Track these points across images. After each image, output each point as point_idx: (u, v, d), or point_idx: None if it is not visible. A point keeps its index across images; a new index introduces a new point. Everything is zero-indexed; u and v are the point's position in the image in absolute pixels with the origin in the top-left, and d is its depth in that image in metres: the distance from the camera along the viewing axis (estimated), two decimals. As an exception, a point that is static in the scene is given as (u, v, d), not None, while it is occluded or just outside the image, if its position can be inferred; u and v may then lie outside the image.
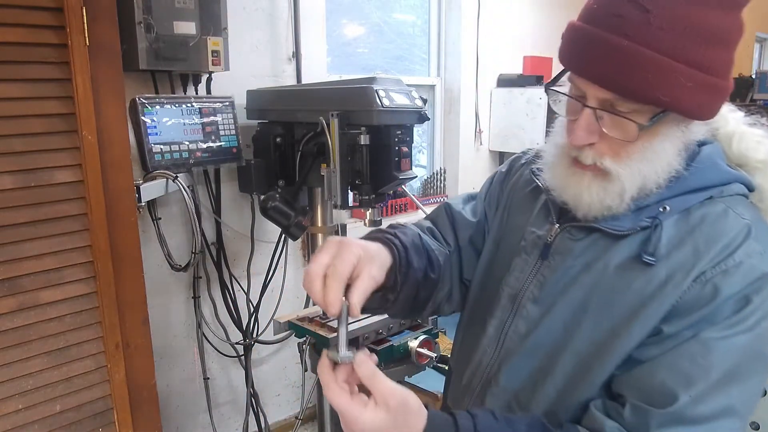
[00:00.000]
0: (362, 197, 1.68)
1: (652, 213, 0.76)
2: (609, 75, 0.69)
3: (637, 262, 0.75)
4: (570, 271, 0.81)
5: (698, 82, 0.68)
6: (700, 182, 0.76)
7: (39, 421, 1.29)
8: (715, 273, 0.71)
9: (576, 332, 0.79)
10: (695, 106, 0.70)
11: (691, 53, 0.68)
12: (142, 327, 1.43)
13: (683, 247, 0.73)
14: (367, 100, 1.58)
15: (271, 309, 2.25)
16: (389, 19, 2.86)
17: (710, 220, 0.74)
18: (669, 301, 0.72)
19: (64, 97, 1.24)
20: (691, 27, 0.68)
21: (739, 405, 0.71)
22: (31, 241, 1.24)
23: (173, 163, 1.77)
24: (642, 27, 0.67)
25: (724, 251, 0.71)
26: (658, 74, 0.67)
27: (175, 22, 1.71)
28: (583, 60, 0.73)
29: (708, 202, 0.75)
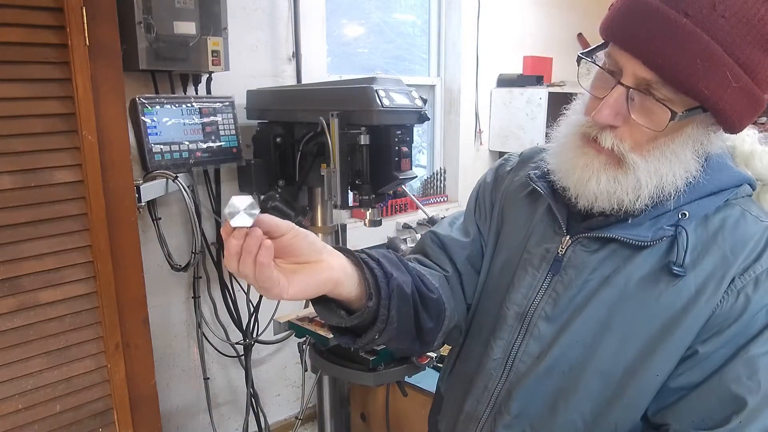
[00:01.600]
0: (362, 197, 1.68)
1: (672, 220, 0.72)
2: (657, 52, 0.63)
3: (663, 273, 0.71)
4: (587, 286, 0.76)
5: (743, 84, 0.64)
6: (716, 186, 0.73)
7: (39, 421, 1.29)
8: (746, 282, 0.68)
9: (598, 351, 0.74)
10: (733, 109, 0.66)
11: (746, 52, 0.63)
12: (142, 327, 1.43)
13: (709, 255, 0.70)
14: (367, 100, 1.58)
15: (271, 309, 2.25)
16: (389, 19, 2.86)
17: (730, 224, 0.71)
18: (704, 315, 0.68)
19: (64, 97, 1.24)
20: (755, 25, 0.62)
21: None
22: (31, 241, 1.24)
23: (173, 163, 1.77)
24: (705, 9, 0.62)
25: (750, 256, 0.69)
26: (708, 63, 0.62)
27: (175, 22, 1.71)
28: (631, 31, 0.66)
29: (723, 205, 0.73)
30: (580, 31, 3.57)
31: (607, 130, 0.70)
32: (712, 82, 0.63)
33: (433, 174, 3.10)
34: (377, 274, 0.72)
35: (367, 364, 1.60)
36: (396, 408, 2.23)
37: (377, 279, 0.72)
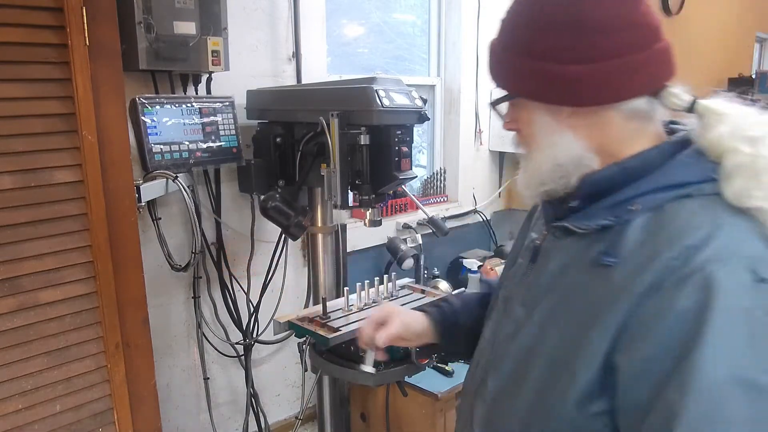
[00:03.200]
0: (362, 197, 1.68)
1: (621, 211, 0.73)
2: (488, 69, 0.84)
3: (598, 264, 0.72)
4: (550, 273, 0.81)
5: (519, 66, 0.77)
6: (677, 179, 0.72)
7: (39, 421, 1.29)
8: (669, 283, 0.65)
9: (547, 335, 0.78)
10: (527, 90, 0.78)
11: (518, 41, 0.77)
12: (142, 327, 1.43)
13: (644, 249, 0.69)
14: (367, 100, 1.58)
15: (271, 309, 2.25)
16: (389, 19, 2.86)
17: (679, 219, 0.69)
18: (622, 310, 0.67)
19: (64, 97, 1.24)
20: (525, 17, 0.77)
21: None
22: (31, 241, 1.24)
23: (173, 163, 1.77)
24: (499, 26, 0.82)
25: (681, 256, 0.65)
26: (497, 63, 0.81)
27: (175, 22, 1.71)
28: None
29: (684, 200, 0.70)
30: (580, 31, 3.57)
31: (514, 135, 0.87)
32: (502, 74, 0.82)
33: (433, 174, 3.09)
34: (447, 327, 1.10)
35: (367, 364, 1.60)
36: (396, 408, 2.23)
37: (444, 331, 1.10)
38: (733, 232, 0.67)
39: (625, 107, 0.75)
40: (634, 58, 0.73)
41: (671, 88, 0.77)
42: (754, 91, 5.27)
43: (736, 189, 0.69)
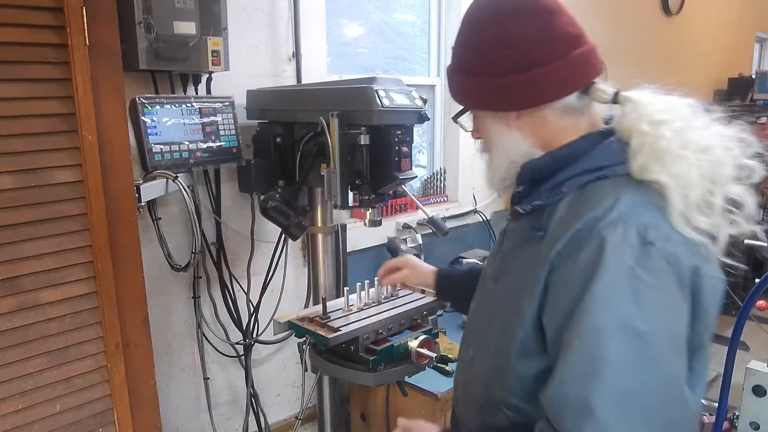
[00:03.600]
0: (362, 197, 1.68)
1: (553, 193, 0.87)
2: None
3: (532, 237, 0.88)
4: (508, 250, 0.97)
5: (469, 83, 0.94)
6: (595, 163, 0.85)
7: (39, 421, 1.29)
8: (574, 246, 0.79)
9: (501, 303, 0.94)
10: (476, 101, 0.96)
11: (464, 63, 0.95)
12: (142, 327, 1.43)
13: (562, 223, 0.83)
14: (367, 100, 1.58)
15: (271, 309, 2.25)
16: (389, 19, 2.86)
17: (591, 196, 0.82)
18: (544, 272, 0.82)
19: (64, 97, 1.24)
20: (465, 43, 0.94)
21: (598, 399, 0.74)
22: (31, 241, 1.24)
23: (173, 163, 1.77)
24: (451, 53, 0.98)
25: (586, 225, 0.79)
26: (450, 81, 0.99)
27: (175, 22, 1.71)
28: None
29: (602, 181, 0.84)
30: (580, 31, 3.57)
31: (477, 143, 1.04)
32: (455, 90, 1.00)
33: (433, 174, 3.09)
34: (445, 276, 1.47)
35: (367, 364, 1.60)
36: (396, 408, 2.23)
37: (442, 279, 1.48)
38: (629, 202, 0.79)
39: (558, 105, 0.89)
40: (559, 64, 0.87)
41: (598, 84, 0.90)
42: (754, 91, 5.26)
43: (639, 164, 0.82)
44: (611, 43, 3.94)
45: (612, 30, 3.85)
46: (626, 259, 0.75)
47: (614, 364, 0.73)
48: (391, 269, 1.56)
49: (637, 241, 0.76)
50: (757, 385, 1.75)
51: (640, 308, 0.74)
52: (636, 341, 0.73)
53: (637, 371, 0.73)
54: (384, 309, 1.73)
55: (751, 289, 1.72)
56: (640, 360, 0.73)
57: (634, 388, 0.73)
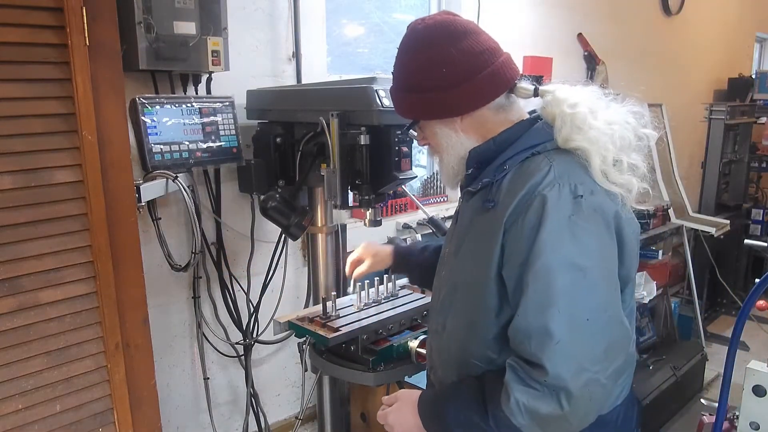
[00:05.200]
0: (362, 197, 1.68)
1: (498, 171, 1.06)
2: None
3: (485, 209, 1.05)
4: (463, 225, 1.14)
5: (414, 99, 1.12)
6: (529, 143, 1.06)
7: (39, 421, 1.29)
8: (522, 208, 0.97)
9: (462, 270, 1.11)
10: (424, 113, 1.13)
11: (404, 83, 1.13)
12: (142, 327, 1.43)
13: (509, 193, 1.01)
14: (367, 100, 1.58)
15: (271, 309, 2.25)
16: (389, 19, 2.86)
17: (529, 167, 1.02)
18: (500, 234, 1.00)
19: (64, 97, 1.24)
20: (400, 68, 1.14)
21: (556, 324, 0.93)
22: (31, 241, 1.24)
23: (173, 163, 1.77)
24: (393, 77, 1.16)
25: (530, 190, 0.98)
26: (395, 101, 1.19)
27: (175, 22, 1.71)
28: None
29: (534, 156, 1.03)
30: (580, 31, 3.57)
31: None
32: (403, 108, 1.17)
33: (433, 174, 3.09)
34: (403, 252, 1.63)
35: (367, 364, 1.60)
36: (396, 408, 2.22)
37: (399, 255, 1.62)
38: (560, 168, 0.99)
39: (492, 105, 1.10)
40: (488, 72, 1.06)
41: (519, 83, 1.11)
42: (754, 91, 5.26)
43: (564, 136, 1.03)
44: (611, 42, 3.94)
45: (612, 30, 3.85)
46: (563, 210, 0.95)
47: (564, 294, 0.92)
48: (356, 263, 1.68)
49: (570, 196, 0.96)
50: (757, 385, 1.74)
51: (579, 248, 0.94)
52: (579, 275, 0.93)
53: (583, 299, 0.93)
54: (384, 309, 1.74)
55: (751, 289, 1.72)
56: (584, 289, 0.94)
57: (582, 314, 0.93)
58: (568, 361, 0.92)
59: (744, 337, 1.79)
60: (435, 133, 1.15)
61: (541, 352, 0.92)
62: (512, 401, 0.94)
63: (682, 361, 3.23)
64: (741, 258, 4.57)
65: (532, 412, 0.93)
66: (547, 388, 0.92)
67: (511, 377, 0.96)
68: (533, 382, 0.93)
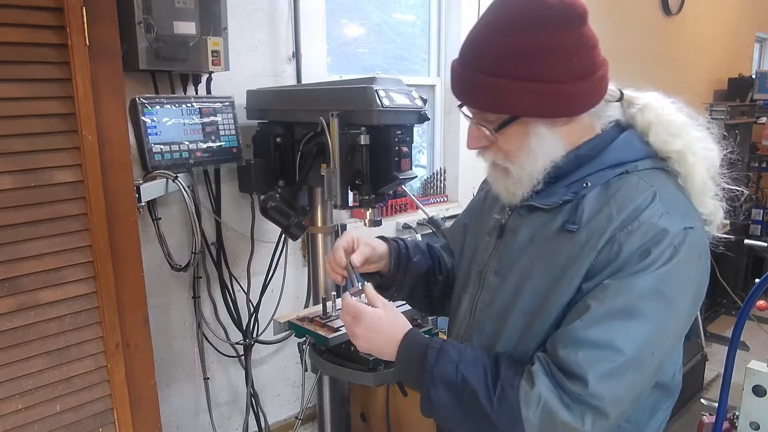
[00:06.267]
0: (362, 197, 1.68)
1: (577, 188, 0.93)
2: (464, 96, 0.95)
3: (564, 230, 0.92)
4: (519, 245, 0.99)
5: (529, 90, 0.87)
6: (617, 159, 0.93)
7: (39, 421, 1.29)
8: (622, 234, 0.86)
9: (522, 295, 0.95)
10: (535, 109, 0.89)
11: (518, 70, 0.87)
12: (142, 327, 1.43)
13: (600, 215, 0.89)
14: (367, 100, 1.58)
15: (271, 309, 2.25)
16: (389, 19, 2.86)
17: (623, 190, 0.90)
18: (588, 261, 0.88)
19: (64, 97, 1.24)
20: (516, 50, 0.87)
21: (622, 342, 0.83)
22: (31, 241, 1.24)
23: (173, 163, 1.77)
24: (475, 57, 0.92)
25: (631, 216, 0.86)
26: (492, 91, 0.90)
27: (175, 22, 1.71)
28: (452, 88, 0.97)
29: (624, 175, 0.91)
30: (580, 31, 3.57)
31: (484, 152, 0.99)
32: (498, 99, 0.90)
33: (433, 174, 3.10)
34: (402, 258, 1.21)
35: (367, 364, 1.60)
36: (396, 408, 2.23)
37: (400, 261, 1.21)
38: (666, 193, 0.89)
39: (594, 108, 0.94)
40: (604, 69, 0.92)
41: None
42: (754, 91, 5.26)
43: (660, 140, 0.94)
44: (611, 42, 3.93)
45: (612, 30, 3.85)
46: (672, 240, 0.85)
47: (643, 319, 0.84)
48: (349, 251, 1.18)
49: (680, 226, 0.86)
50: (757, 385, 1.75)
51: (676, 279, 0.86)
52: (665, 305, 0.85)
53: (658, 331, 0.86)
54: (384, 309, 1.73)
55: (751, 289, 1.72)
56: (664, 323, 0.86)
57: (650, 345, 0.85)
58: (615, 385, 0.84)
59: (744, 337, 1.79)
60: (526, 134, 0.92)
61: (590, 366, 0.83)
62: (535, 392, 0.85)
63: (682, 360, 3.22)
64: (741, 258, 4.57)
65: (549, 412, 0.85)
66: (579, 402, 0.84)
67: (540, 370, 0.87)
68: (565, 390, 0.85)
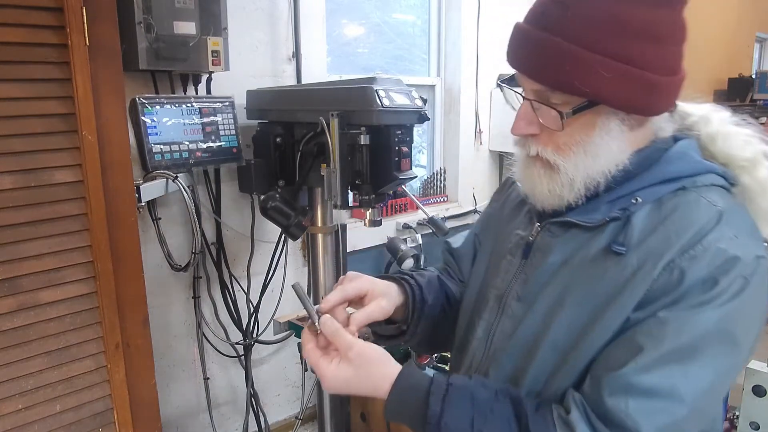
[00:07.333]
0: (362, 197, 1.68)
1: (625, 204, 0.78)
2: (533, 66, 0.76)
3: (609, 252, 0.77)
4: (550, 267, 0.83)
5: (620, 73, 0.71)
6: (672, 173, 0.78)
7: (39, 421, 1.29)
8: (684, 259, 0.72)
9: (553, 326, 0.80)
10: (620, 97, 0.73)
11: (610, 45, 0.71)
12: (142, 327, 1.43)
13: (654, 236, 0.75)
14: (367, 100, 1.58)
15: (271, 309, 2.25)
16: (389, 19, 2.86)
17: (682, 209, 0.75)
18: (640, 290, 0.73)
19: (64, 97, 1.24)
20: (610, 21, 0.71)
21: (684, 389, 0.70)
22: (31, 241, 1.24)
23: (173, 163, 1.77)
24: (560, 20, 0.72)
25: (693, 238, 0.72)
26: (575, 64, 0.71)
27: (175, 22, 1.71)
28: (516, 54, 0.78)
29: (681, 192, 0.77)
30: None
31: (530, 140, 0.81)
32: (585, 78, 0.71)
33: (433, 174, 3.10)
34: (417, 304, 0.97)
35: (367, 364, 1.59)
36: (396, 408, 2.22)
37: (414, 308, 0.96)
38: (732, 215, 0.75)
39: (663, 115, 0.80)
40: (684, 71, 0.78)
41: None
42: (754, 91, 5.27)
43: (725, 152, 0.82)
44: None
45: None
46: (743, 270, 0.72)
47: (709, 362, 0.71)
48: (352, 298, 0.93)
49: (752, 255, 0.73)
50: (757, 385, 1.74)
51: (742, 316, 0.73)
52: (729, 348, 0.72)
53: (721, 375, 0.73)
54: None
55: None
56: (725, 366, 0.73)
57: (710, 392, 0.73)
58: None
59: (744, 337, 1.79)
60: (593, 126, 0.76)
61: (644, 418, 0.70)
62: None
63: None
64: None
65: None
66: None
67: (579, 419, 0.73)
68: None
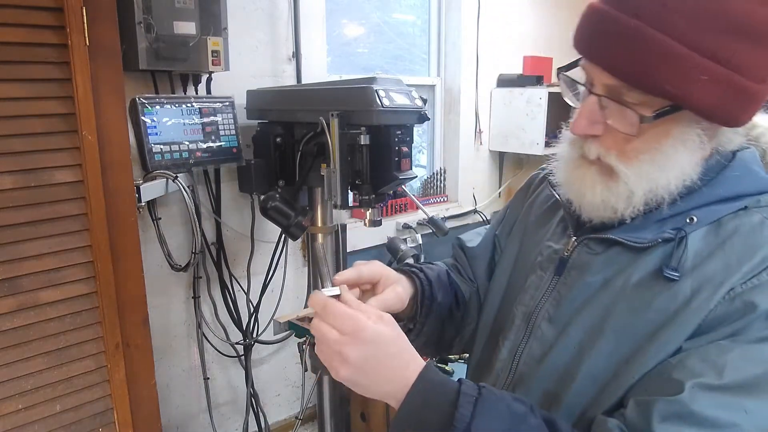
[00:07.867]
0: (362, 197, 1.68)
1: (678, 224, 0.69)
2: (614, 58, 0.64)
3: (659, 277, 0.68)
4: (588, 288, 0.75)
5: (716, 76, 0.61)
6: (732, 191, 0.69)
7: (39, 421, 1.29)
8: (746, 288, 0.64)
9: (591, 355, 0.72)
10: (710, 104, 0.62)
11: (710, 43, 0.60)
12: (142, 327, 1.43)
13: (712, 261, 0.66)
14: (367, 100, 1.58)
15: (271, 309, 2.25)
16: (389, 19, 2.86)
17: (744, 232, 0.67)
18: (694, 321, 0.65)
19: (64, 97, 1.24)
20: (715, 14, 0.60)
21: (746, 425, 0.61)
22: (31, 241, 1.24)
23: (173, 163, 1.77)
24: (655, 7, 0.61)
25: (758, 265, 0.64)
26: (667, 60, 0.61)
27: (175, 22, 1.71)
28: (591, 41, 0.67)
29: (742, 212, 0.68)
30: (580, 31, 3.56)
31: (590, 141, 0.71)
32: (676, 78, 0.61)
33: (433, 174, 3.10)
34: (426, 300, 0.89)
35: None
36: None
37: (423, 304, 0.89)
38: None
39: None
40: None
41: None
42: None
43: None
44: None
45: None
46: None
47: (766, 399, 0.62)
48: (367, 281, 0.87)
49: None
50: (757, 385, 1.74)
51: None
52: None
53: None
54: (384, 309, 1.73)
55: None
56: None
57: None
58: None
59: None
60: (667, 134, 0.67)
61: None
62: None
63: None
64: None
65: None
66: None
67: None
68: None
